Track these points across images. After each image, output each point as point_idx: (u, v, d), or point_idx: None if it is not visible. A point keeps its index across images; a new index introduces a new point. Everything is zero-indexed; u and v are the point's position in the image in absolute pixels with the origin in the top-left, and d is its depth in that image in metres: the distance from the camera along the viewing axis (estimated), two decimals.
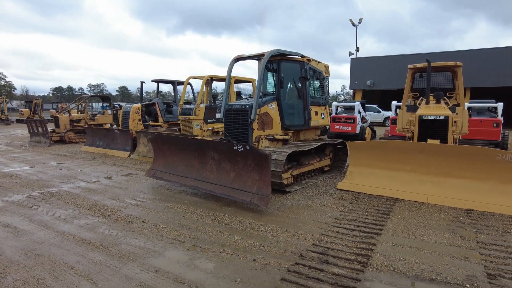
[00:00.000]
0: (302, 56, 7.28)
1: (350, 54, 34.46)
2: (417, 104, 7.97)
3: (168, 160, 6.45)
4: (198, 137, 7.00)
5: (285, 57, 7.14)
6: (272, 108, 6.75)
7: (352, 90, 34.66)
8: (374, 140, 11.88)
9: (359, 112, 14.98)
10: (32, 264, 3.35)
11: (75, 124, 14.91)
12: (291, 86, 7.51)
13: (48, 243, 3.88)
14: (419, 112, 6.77)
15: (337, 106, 16.10)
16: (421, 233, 4.17)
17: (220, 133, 9.91)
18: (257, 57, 6.69)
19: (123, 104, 22.63)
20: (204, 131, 10.23)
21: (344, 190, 6.18)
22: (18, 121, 33.07)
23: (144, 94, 14.53)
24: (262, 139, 6.54)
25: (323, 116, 8.10)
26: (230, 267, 3.29)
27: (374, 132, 16.14)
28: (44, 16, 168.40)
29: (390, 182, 5.84)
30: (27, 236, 4.10)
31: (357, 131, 14.37)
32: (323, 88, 8.13)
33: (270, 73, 7.47)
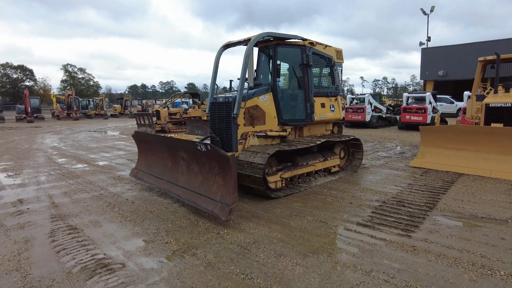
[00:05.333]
0: (304, 40, 6.44)
1: (421, 44, 33.59)
2: (485, 94, 8.72)
3: (148, 160, 6.20)
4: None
5: (283, 42, 6.33)
6: (264, 101, 5.96)
7: (422, 81, 33.82)
8: (443, 125, 12.47)
9: (430, 103, 15.50)
10: None
11: (172, 117, 17.72)
12: (291, 74, 6.75)
13: None
14: (486, 100, 7.63)
15: (408, 97, 16.72)
16: (479, 194, 5.36)
17: None
18: (246, 42, 5.92)
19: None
20: None
21: (416, 167, 7.40)
22: (112, 115, 38.35)
23: (209, 90, 16.77)
24: (249, 136, 5.72)
25: (332, 108, 7.14)
26: (333, 205, 4.91)
27: (445, 122, 16.45)
28: (117, 21, 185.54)
29: (456, 160, 6.94)
30: None
31: (428, 121, 14.96)
32: (333, 76, 7.15)
33: (270, 61, 6.62)
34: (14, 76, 74.79)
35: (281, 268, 3.09)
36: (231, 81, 15.63)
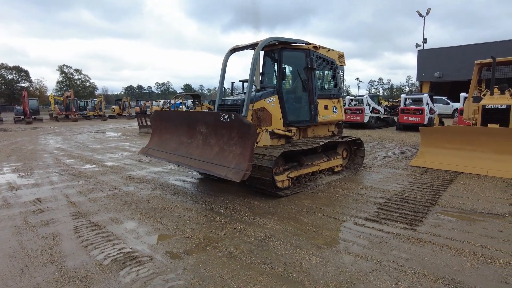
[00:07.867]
0: (308, 44, 6.65)
1: (417, 46, 34.12)
2: (481, 95, 9.04)
3: (162, 138, 6.31)
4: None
5: (288, 45, 6.54)
6: (271, 103, 6.17)
7: (418, 82, 34.30)
8: (441, 126, 12.84)
9: (427, 104, 15.85)
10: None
11: None
12: (295, 77, 6.99)
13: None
14: (483, 102, 7.96)
15: (406, 98, 17.08)
16: (477, 192, 5.65)
17: None
18: (254, 46, 6.12)
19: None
20: None
21: (416, 166, 7.69)
22: (110, 117, 38.39)
23: (205, 91, 16.88)
24: (262, 132, 6.00)
25: (335, 110, 7.41)
26: (340, 202, 5.17)
27: (442, 123, 16.81)
28: (112, 22, 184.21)
29: (455, 159, 7.24)
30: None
31: (426, 121, 15.32)
32: (335, 79, 7.43)
33: (276, 64, 6.87)
34: (10, 77, 74.44)
35: (298, 259, 3.34)
36: (232, 83, 15.79)
